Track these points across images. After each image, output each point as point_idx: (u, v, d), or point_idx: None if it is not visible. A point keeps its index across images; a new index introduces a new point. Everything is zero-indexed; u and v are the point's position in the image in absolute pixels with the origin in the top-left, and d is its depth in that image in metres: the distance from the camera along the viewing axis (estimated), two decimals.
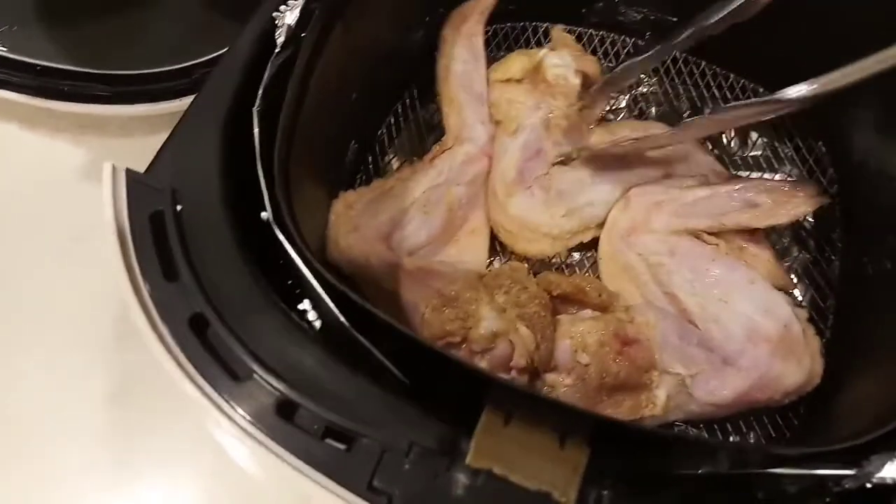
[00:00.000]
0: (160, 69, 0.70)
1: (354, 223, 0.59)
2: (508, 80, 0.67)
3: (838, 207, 0.65)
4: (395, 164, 0.69)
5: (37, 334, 0.63)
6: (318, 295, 0.43)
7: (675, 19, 0.71)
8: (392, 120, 0.70)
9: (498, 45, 0.75)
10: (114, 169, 0.43)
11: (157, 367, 0.39)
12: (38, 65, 0.70)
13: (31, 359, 0.62)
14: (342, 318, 0.43)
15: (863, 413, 0.51)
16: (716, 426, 0.56)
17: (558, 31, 0.71)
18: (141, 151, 0.71)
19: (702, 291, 0.57)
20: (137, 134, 0.74)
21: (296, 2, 0.52)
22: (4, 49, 0.71)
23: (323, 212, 0.59)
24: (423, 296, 0.56)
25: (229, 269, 0.42)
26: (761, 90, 0.72)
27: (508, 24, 0.75)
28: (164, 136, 0.72)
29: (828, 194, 0.61)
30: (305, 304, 0.44)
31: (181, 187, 0.44)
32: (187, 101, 0.68)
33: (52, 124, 0.74)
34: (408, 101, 0.72)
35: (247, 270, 0.42)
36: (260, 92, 0.48)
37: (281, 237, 0.43)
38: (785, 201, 0.59)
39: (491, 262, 0.64)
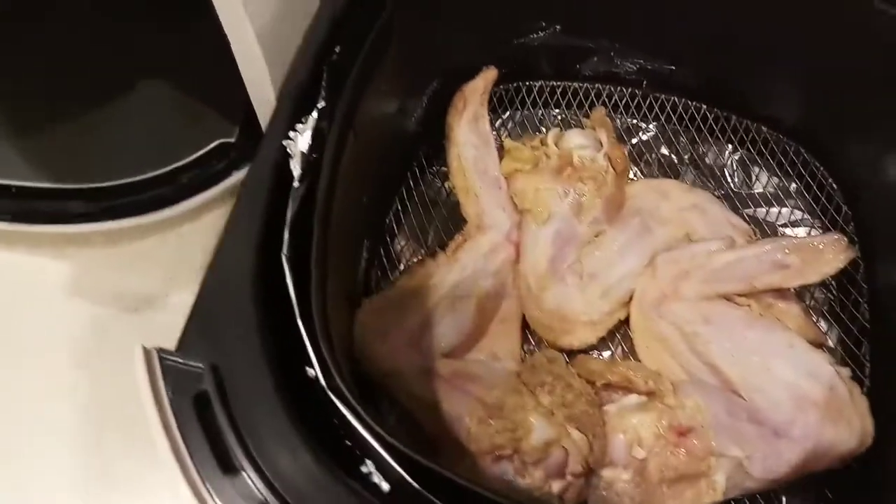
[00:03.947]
0: (142, 177, 0.66)
1: (382, 330, 0.57)
2: (520, 171, 0.65)
3: (858, 246, 0.64)
4: (405, 248, 0.66)
5: None
6: (381, 457, 0.41)
7: (672, 68, 0.70)
8: (398, 206, 0.68)
9: (493, 109, 0.72)
10: (145, 352, 0.39)
11: None
12: (13, 186, 0.65)
13: None
14: (411, 481, 0.41)
15: None
16: (771, 493, 0.56)
17: (599, 113, 0.69)
18: (129, 259, 0.69)
19: (742, 360, 0.56)
20: (123, 242, 0.69)
21: (304, 125, 0.49)
22: None
23: (345, 321, 0.56)
24: (465, 406, 0.54)
25: (288, 450, 0.39)
26: (764, 129, 0.71)
27: (502, 87, 0.73)
28: (151, 242, 0.69)
29: (855, 247, 0.60)
30: (369, 466, 0.42)
31: (220, 361, 0.41)
32: (177, 209, 0.66)
33: (30, 241, 0.69)
34: (411, 182, 0.69)
35: (306, 448, 0.39)
36: (286, 234, 0.45)
37: (338, 403, 0.40)
38: (813, 259, 0.58)
39: (524, 352, 0.61)
